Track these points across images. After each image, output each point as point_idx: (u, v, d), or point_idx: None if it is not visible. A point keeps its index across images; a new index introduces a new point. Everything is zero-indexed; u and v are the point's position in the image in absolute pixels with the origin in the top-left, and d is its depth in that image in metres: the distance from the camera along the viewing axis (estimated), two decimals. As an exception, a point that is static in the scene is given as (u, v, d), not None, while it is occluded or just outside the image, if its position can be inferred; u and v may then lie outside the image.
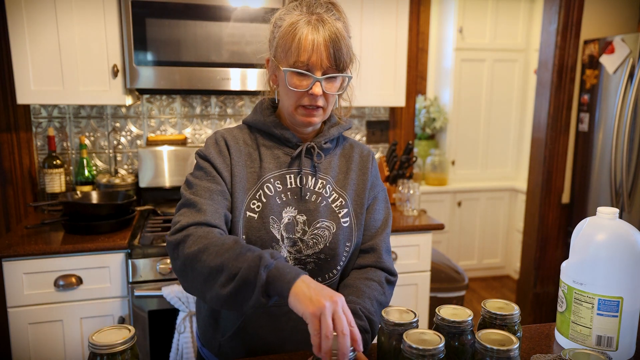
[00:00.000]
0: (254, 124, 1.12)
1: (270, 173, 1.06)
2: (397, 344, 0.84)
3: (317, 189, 1.08)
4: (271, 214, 1.03)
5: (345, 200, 1.10)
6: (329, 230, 1.06)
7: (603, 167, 2.68)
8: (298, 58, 0.97)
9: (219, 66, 2.06)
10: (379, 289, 1.07)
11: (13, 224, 2.30)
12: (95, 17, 1.98)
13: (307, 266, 1.06)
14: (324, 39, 0.96)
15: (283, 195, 1.06)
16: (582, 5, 2.74)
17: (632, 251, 0.93)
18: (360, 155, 1.16)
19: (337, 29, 0.98)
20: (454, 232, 3.95)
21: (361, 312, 0.99)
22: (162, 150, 2.30)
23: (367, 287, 1.05)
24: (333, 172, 1.12)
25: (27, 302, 1.79)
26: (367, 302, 1.02)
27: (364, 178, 1.14)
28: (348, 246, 1.09)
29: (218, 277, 0.86)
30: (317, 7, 1.00)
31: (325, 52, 0.96)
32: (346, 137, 1.20)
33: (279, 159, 1.08)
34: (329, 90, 1.00)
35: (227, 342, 1.08)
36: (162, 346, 1.91)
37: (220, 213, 0.99)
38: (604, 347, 0.96)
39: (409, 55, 2.62)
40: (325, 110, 1.04)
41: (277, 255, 0.87)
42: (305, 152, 1.08)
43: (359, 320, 0.98)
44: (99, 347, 0.74)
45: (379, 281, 1.09)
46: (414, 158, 2.55)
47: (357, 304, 1.01)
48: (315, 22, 0.97)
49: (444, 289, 2.70)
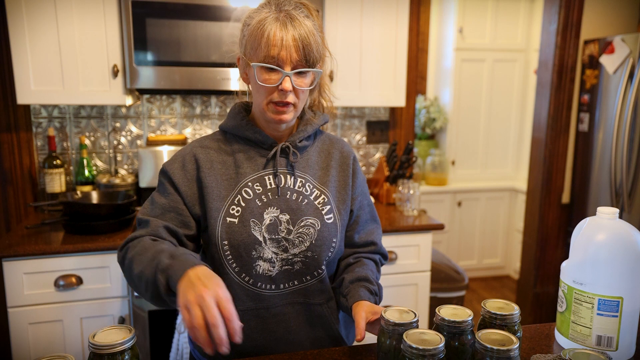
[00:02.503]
0: (228, 129, 1.12)
1: (248, 177, 1.07)
2: (397, 344, 0.84)
3: (297, 187, 1.09)
4: (252, 217, 1.04)
5: (327, 197, 1.11)
6: (313, 227, 1.07)
7: (603, 167, 2.68)
8: (267, 53, 0.98)
9: (219, 66, 2.06)
10: (376, 267, 1.18)
11: (13, 224, 2.30)
12: (95, 17, 1.98)
13: (295, 266, 1.06)
14: (292, 34, 0.97)
15: (263, 197, 1.06)
16: (582, 5, 2.74)
17: (632, 251, 0.93)
18: (340, 153, 1.17)
19: (305, 25, 0.99)
20: (454, 232, 3.95)
21: (371, 278, 1.10)
22: (162, 150, 2.30)
23: (369, 263, 1.16)
24: (312, 170, 1.12)
25: (27, 302, 1.79)
26: (371, 274, 1.12)
27: (344, 175, 1.15)
28: (334, 242, 1.10)
29: (140, 285, 0.92)
30: (286, 5, 1.01)
31: (294, 46, 0.98)
32: (323, 132, 1.21)
33: (256, 161, 1.09)
34: (299, 85, 1.01)
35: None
36: (162, 346, 1.91)
37: (164, 227, 1.02)
38: (604, 347, 0.96)
39: (409, 55, 2.62)
40: (297, 107, 1.04)
41: (178, 253, 0.90)
42: (280, 152, 1.09)
43: (371, 284, 1.08)
44: (99, 347, 0.74)
45: (375, 261, 1.20)
46: (414, 158, 2.55)
47: (367, 271, 1.11)
48: (284, 18, 0.98)
49: (444, 289, 2.70)
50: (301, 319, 1.09)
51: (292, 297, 1.08)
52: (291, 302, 1.08)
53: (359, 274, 1.09)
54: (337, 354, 1.01)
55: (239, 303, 1.05)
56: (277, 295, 1.07)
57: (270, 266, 1.05)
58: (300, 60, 0.99)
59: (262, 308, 1.06)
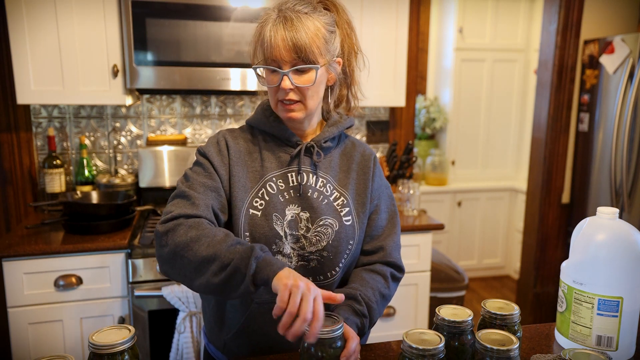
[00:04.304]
0: (255, 125, 1.14)
1: (272, 172, 1.08)
2: None
3: (318, 187, 1.10)
4: (274, 212, 1.05)
5: (346, 199, 1.11)
6: (331, 227, 1.07)
7: (603, 167, 2.68)
8: (264, 55, 1.00)
9: (219, 66, 2.06)
10: (382, 282, 1.10)
11: (13, 224, 2.30)
12: (95, 17, 1.98)
13: (310, 263, 1.07)
14: (282, 35, 0.98)
15: (286, 194, 1.07)
16: (582, 5, 2.74)
17: (632, 251, 0.93)
18: (362, 155, 1.17)
19: (302, 23, 0.99)
20: (454, 232, 3.95)
21: (360, 297, 1.03)
22: (162, 150, 2.30)
23: (371, 279, 1.09)
24: (334, 171, 1.13)
25: (27, 302, 1.79)
26: (368, 291, 1.06)
27: (365, 178, 1.14)
28: (351, 244, 1.09)
29: (210, 266, 0.90)
30: (288, 4, 1.02)
31: (283, 46, 0.98)
32: (348, 135, 1.21)
33: (280, 158, 1.10)
34: (300, 83, 1.01)
35: (232, 339, 1.09)
36: (162, 346, 1.91)
37: (211, 208, 1.01)
38: (604, 347, 0.96)
39: (409, 55, 2.62)
40: (306, 105, 1.04)
41: (266, 249, 0.92)
42: (305, 150, 1.10)
43: (358, 304, 1.02)
44: (99, 347, 0.74)
45: (383, 275, 1.11)
46: (414, 158, 2.55)
47: (358, 290, 1.05)
48: (278, 19, 0.99)
49: (444, 289, 2.70)
50: None
51: None
52: None
53: (349, 291, 1.05)
54: (337, 354, 1.01)
55: (255, 295, 1.05)
56: None
57: (288, 261, 1.05)
58: (294, 58, 0.99)
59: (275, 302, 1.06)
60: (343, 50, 1.09)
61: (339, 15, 1.08)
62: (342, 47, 1.08)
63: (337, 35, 1.06)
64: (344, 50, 1.09)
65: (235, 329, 1.08)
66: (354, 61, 1.12)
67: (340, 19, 1.08)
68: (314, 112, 1.09)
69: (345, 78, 1.13)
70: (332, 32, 1.04)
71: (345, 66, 1.11)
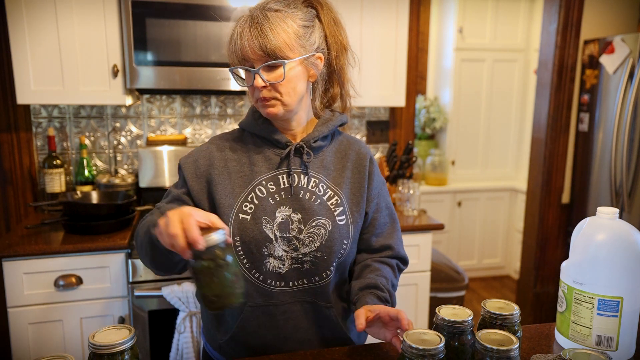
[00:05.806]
0: (246, 127, 1.14)
1: (262, 175, 1.08)
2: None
3: (310, 187, 1.09)
4: (264, 215, 1.05)
5: (340, 198, 1.10)
6: (324, 228, 1.07)
7: (603, 167, 2.68)
8: (234, 56, 1.02)
9: (219, 66, 2.06)
10: (392, 273, 1.14)
11: (13, 224, 2.29)
12: (95, 17, 1.98)
13: (304, 265, 1.06)
14: (248, 32, 0.99)
15: (277, 196, 1.07)
16: (582, 5, 2.74)
17: (632, 251, 0.93)
18: (357, 154, 1.16)
19: (267, 20, 0.98)
20: (454, 232, 3.95)
21: (382, 285, 1.07)
22: (162, 150, 2.30)
23: (383, 268, 1.13)
24: (327, 170, 1.11)
25: (27, 302, 1.79)
26: (384, 280, 1.09)
27: (360, 177, 1.14)
28: (345, 244, 1.09)
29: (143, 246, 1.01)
30: (263, 3, 1.02)
31: (249, 43, 0.98)
32: (342, 133, 1.20)
33: (271, 160, 1.09)
34: (271, 79, 1.00)
35: (227, 342, 1.09)
36: (162, 346, 1.91)
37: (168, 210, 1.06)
38: (604, 347, 0.96)
39: (409, 55, 2.62)
40: (284, 101, 1.03)
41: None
42: (294, 151, 1.09)
43: (381, 292, 1.05)
44: (99, 347, 0.74)
45: (391, 266, 1.16)
46: (414, 158, 2.55)
47: (377, 279, 1.08)
48: (247, 18, 1.00)
49: (444, 289, 2.70)
50: (309, 318, 1.09)
51: (301, 296, 1.08)
52: (300, 301, 1.08)
53: (369, 280, 1.08)
54: (337, 354, 1.01)
55: (249, 299, 1.06)
56: (286, 292, 1.07)
57: (280, 264, 1.05)
58: (262, 56, 0.99)
59: (271, 305, 1.06)
60: (328, 46, 1.08)
61: (324, 12, 1.06)
62: (327, 44, 1.07)
63: (314, 30, 1.04)
64: (329, 47, 1.08)
65: (231, 331, 1.08)
66: (343, 59, 1.11)
67: (325, 15, 1.07)
68: (296, 109, 1.06)
69: (334, 76, 1.12)
70: (306, 27, 1.03)
71: (333, 64, 1.10)
